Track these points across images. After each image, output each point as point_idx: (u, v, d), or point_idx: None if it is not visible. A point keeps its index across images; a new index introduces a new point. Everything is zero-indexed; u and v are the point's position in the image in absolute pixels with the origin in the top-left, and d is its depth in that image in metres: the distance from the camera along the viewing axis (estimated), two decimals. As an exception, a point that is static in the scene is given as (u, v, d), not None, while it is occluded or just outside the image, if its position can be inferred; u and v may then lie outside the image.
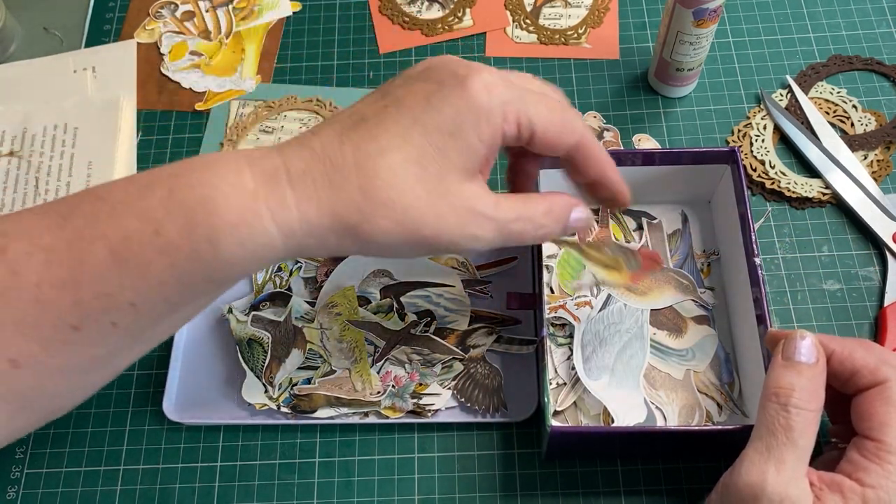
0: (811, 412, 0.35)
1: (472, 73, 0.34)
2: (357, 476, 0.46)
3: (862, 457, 0.35)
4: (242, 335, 0.49)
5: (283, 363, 0.48)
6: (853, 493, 0.34)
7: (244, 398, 0.47)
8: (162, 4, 0.65)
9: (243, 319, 0.49)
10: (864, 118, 0.56)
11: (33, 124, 0.59)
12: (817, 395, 0.36)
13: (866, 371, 0.36)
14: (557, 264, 0.50)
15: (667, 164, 0.49)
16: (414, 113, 0.33)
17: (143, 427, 0.48)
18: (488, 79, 0.34)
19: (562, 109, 0.36)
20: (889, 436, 0.35)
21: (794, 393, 0.35)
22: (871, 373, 0.36)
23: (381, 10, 0.63)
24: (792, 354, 0.37)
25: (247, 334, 0.49)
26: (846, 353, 0.37)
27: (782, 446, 0.35)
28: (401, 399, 0.47)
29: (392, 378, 0.47)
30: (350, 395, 0.47)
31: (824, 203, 0.53)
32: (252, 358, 0.48)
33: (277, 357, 0.48)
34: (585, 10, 0.62)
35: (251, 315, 0.49)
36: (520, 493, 0.45)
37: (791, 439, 0.35)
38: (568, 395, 0.47)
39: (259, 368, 0.48)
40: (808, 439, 0.35)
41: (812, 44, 0.60)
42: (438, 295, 0.50)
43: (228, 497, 0.46)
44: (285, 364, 0.48)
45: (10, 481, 0.47)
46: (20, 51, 0.64)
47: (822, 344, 0.37)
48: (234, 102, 0.60)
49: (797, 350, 0.37)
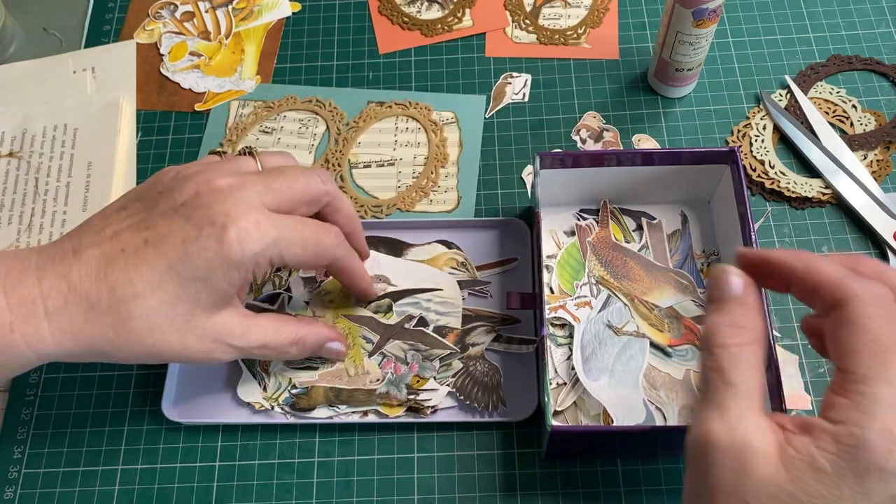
0: (737, 346, 0.32)
1: (230, 224, 0.37)
2: (356, 476, 0.46)
3: (832, 392, 0.30)
4: None
5: None
6: (822, 433, 0.29)
7: (240, 396, 0.47)
8: (161, 5, 0.65)
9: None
10: (863, 118, 0.56)
11: (33, 125, 0.59)
12: (742, 328, 0.32)
13: (828, 288, 0.31)
14: (557, 264, 0.50)
15: (666, 165, 0.49)
16: (170, 260, 0.37)
17: (141, 427, 0.48)
18: (245, 230, 0.37)
19: (315, 242, 0.41)
20: (855, 363, 0.30)
21: (715, 332, 0.32)
22: (833, 289, 0.31)
23: (381, 10, 0.64)
24: (715, 295, 0.34)
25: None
26: (809, 269, 0.32)
27: (718, 390, 0.31)
28: (396, 388, 0.47)
29: (392, 366, 0.48)
30: (349, 384, 0.47)
31: (824, 203, 0.53)
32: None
33: None
34: (585, 11, 0.62)
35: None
36: (520, 492, 0.45)
37: (725, 380, 0.31)
38: (568, 395, 0.47)
39: (256, 365, 0.48)
40: (744, 376, 0.31)
41: (811, 44, 0.60)
42: (428, 300, 0.50)
43: (227, 497, 0.46)
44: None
45: (7, 481, 0.47)
46: (20, 51, 0.64)
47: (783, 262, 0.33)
48: (234, 103, 0.60)
49: (721, 289, 0.33)
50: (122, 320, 0.37)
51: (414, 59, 0.61)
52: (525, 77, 0.60)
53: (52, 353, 0.37)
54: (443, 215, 0.54)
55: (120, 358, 0.38)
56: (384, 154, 0.57)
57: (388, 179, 0.56)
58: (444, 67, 0.60)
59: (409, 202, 0.55)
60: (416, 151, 0.57)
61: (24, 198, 0.56)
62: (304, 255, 0.40)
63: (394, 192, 0.55)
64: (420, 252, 0.52)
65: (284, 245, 0.39)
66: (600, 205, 0.52)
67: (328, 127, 0.58)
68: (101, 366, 0.50)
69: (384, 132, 0.58)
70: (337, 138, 0.58)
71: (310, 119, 0.59)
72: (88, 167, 0.57)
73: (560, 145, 0.57)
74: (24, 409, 0.49)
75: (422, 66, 0.61)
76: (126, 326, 0.37)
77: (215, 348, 0.40)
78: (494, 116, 0.58)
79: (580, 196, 0.52)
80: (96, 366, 0.50)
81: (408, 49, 0.62)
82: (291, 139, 0.58)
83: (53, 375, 0.50)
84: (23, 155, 0.58)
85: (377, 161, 0.57)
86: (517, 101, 0.59)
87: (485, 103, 0.59)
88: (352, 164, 0.57)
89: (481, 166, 0.56)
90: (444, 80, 0.60)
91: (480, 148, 0.57)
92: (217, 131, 0.59)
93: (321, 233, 0.42)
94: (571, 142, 0.57)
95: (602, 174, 0.49)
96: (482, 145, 0.57)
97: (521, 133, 0.57)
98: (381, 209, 0.55)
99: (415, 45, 0.62)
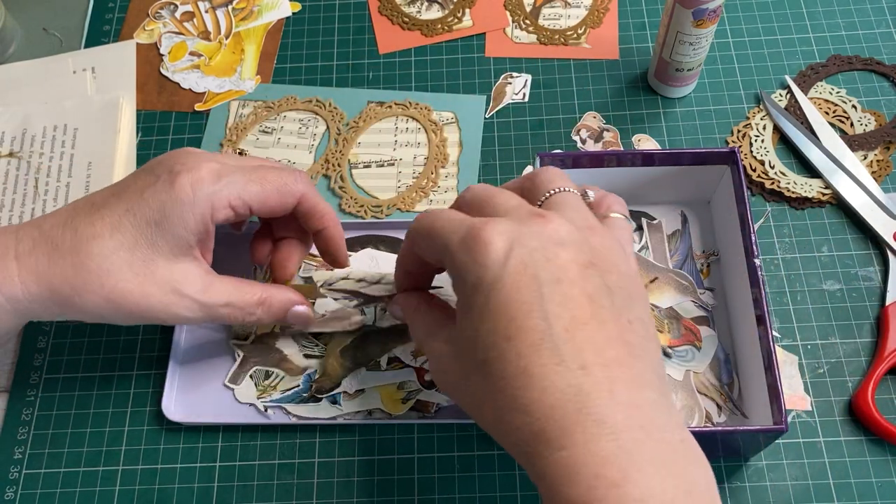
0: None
1: (185, 171, 0.39)
2: (357, 476, 0.46)
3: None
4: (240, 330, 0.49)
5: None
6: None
7: (235, 395, 0.47)
8: (161, 5, 0.65)
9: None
10: (863, 118, 0.56)
11: (33, 125, 0.59)
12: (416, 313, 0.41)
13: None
14: (557, 264, 0.50)
15: (666, 165, 0.49)
16: (129, 204, 0.39)
17: (141, 427, 0.48)
18: (197, 175, 0.39)
19: (277, 177, 0.41)
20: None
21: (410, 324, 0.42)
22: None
23: (381, 10, 0.63)
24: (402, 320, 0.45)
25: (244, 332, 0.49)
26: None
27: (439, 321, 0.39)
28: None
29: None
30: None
31: (824, 203, 0.53)
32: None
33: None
34: (585, 11, 0.62)
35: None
36: (520, 493, 0.45)
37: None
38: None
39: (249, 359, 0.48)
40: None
41: (811, 44, 0.60)
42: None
43: (227, 497, 0.46)
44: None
45: (8, 482, 0.47)
46: (20, 51, 0.64)
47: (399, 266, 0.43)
48: (234, 103, 0.60)
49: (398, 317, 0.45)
50: (81, 259, 0.38)
51: (414, 59, 0.61)
52: (525, 77, 0.60)
53: (20, 297, 0.38)
54: (443, 215, 0.54)
55: (81, 306, 0.39)
56: (384, 154, 0.57)
57: (388, 179, 0.56)
58: (444, 67, 0.60)
59: (409, 202, 0.55)
60: (416, 151, 0.57)
61: (24, 198, 0.56)
62: (265, 192, 0.41)
63: (394, 192, 0.55)
64: (420, 252, 0.52)
65: (241, 184, 0.40)
66: (600, 205, 0.52)
67: (328, 127, 0.58)
68: (101, 366, 0.50)
69: (384, 132, 0.58)
70: (337, 138, 0.58)
71: (310, 119, 0.59)
72: (88, 167, 0.57)
73: (560, 145, 0.57)
74: (24, 409, 0.49)
75: (422, 66, 0.61)
76: (85, 266, 0.38)
77: (177, 301, 0.40)
78: (494, 116, 0.58)
79: (580, 196, 0.52)
80: (97, 366, 0.50)
81: (408, 49, 0.62)
82: (291, 139, 0.58)
83: (54, 376, 0.50)
84: (23, 155, 0.58)
85: (377, 161, 0.57)
86: (517, 101, 0.59)
87: (485, 103, 0.59)
88: (352, 164, 0.57)
89: (481, 166, 0.56)
90: (444, 80, 0.60)
91: (480, 148, 0.57)
92: (217, 131, 0.59)
93: (283, 172, 0.42)
94: (571, 142, 0.57)
95: (602, 174, 0.49)
96: (482, 145, 0.57)
97: (521, 133, 0.57)
98: (381, 209, 0.55)
99: (415, 45, 0.62)
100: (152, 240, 0.39)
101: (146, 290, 0.39)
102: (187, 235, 0.39)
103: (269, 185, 0.41)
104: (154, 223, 0.38)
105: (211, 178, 0.39)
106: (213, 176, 0.39)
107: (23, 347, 0.51)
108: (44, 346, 0.51)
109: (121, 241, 0.38)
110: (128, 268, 0.38)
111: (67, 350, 0.51)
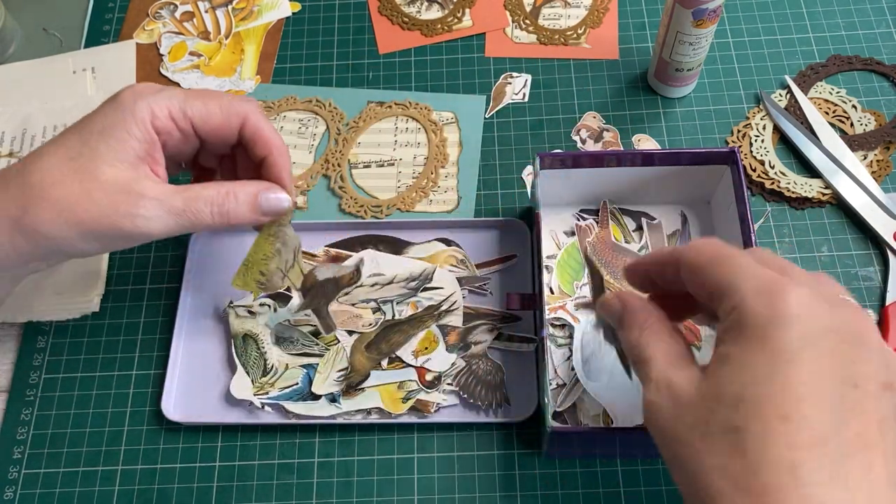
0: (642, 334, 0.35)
1: (128, 88, 0.40)
2: (356, 476, 0.46)
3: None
4: (239, 330, 0.49)
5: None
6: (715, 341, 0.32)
7: (231, 393, 0.47)
8: (161, 5, 0.65)
9: (242, 315, 0.50)
10: (863, 118, 0.56)
11: (33, 125, 0.59)
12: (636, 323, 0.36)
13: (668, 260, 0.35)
14: (557, 265, 0.50)
15: (666, 165, 0.49)
16: (78, 124, 0.40)
17: (141, 427, 0.48)
18: (139, 88, 0.40)
19: (222, 97, 0.42)
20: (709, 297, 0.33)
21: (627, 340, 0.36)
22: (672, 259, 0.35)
23: (381, 10, 0.63)
24: (614, 317, 0.37)
25: (243, 329, 0.49)
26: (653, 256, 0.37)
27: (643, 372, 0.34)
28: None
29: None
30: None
31: (824, 203, 0.53)
32: (245, 353, 0.49)
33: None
34: (585, 11, 0.62)
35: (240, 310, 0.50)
36: (520, 493, 0.45)
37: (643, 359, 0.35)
38: (568, 395, 0.47)
39: (251, 364, 0.48)
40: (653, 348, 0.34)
41: (811, 44, 0.60)
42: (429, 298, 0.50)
43: (227, 497, 0.46)
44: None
45: (7, 482, 0.47)
46: (20, 51, 0.64)
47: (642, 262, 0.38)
48: (234, 103, 0.60)
49: (612, 311, 0.37)
50: (25, 177, 0.39)
51: (414, 59, 0.61)
52: (525, 77, 0.60)
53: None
54: (443, 215, 0.54)
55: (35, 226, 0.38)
56: (384, 154, 0.57)
57: (388, 179, 0.56)
58: (443, 67, 0.60)
59: (409, 202, 0.55)
60: (416, 151, 0.57)
61: (24, 198, 0.56)
62: (208, 109, 0.41)
63: (394, 192, 0.55)
64: (419, 250, 0.52)
65: (182, 98, 0.41)
66: (600, 205, 0.52)
67: (328, 127, 0.58)
68: (101, 366, 0.50)
69: (384, 132, 0.58)
70: (337, 138, 0.58)
71: (310, 119, 0.59)
72: (88, 167, 0.57)
73: (560, 145, 0.57)
74: (24, 409, 0.49)
75: (422, 66, 0.61)
76: (29, 181, 0.39)
77: (126, 199, 0.39)
78: (494, 116, 0.58)
79: (580, 196, 0.52)
80: (96, 366, 0.50)
81: (408, 49, 0.62)
82: (291, 139, 0.58)
83: (54, 376, 0.50)
84: (23, 155, 0.58)
85: (377, 161, 0.57)
86: (517, 101, 0.59)
87: (485, 103, 0.59)
88: (352, 164, 0.57)
89: (481, 166, 0.56)
90: (443, 80, 0.60)
91: (480, 148, 0.57)
92: (217, 131, 0.59)
93: (228, 95, 0.43)
94: (571, 142, 0.57)
95: (602, 174, 0.49)
96: (482, 145, 0.57)
97: (521, 133, 0.57)
98: (381, 209, 0.55)
99: (415, 45, 0.62)
100: (94, 147, 0.39)
101: (94, 196, 0.38)
102: (130, 140, 0.39)
103: (213, 102, 0.41)
104: (98, 133, 0.39)
105: (152, 90, 0.41)
106: (154, 89, 0.41)
107: (22, 347, 0.51)
108: (43, 345, 0.51)
109: (64, 154, 0.39)
110: (73, 176, 0.38)
111: (67, 350, 0.51)
